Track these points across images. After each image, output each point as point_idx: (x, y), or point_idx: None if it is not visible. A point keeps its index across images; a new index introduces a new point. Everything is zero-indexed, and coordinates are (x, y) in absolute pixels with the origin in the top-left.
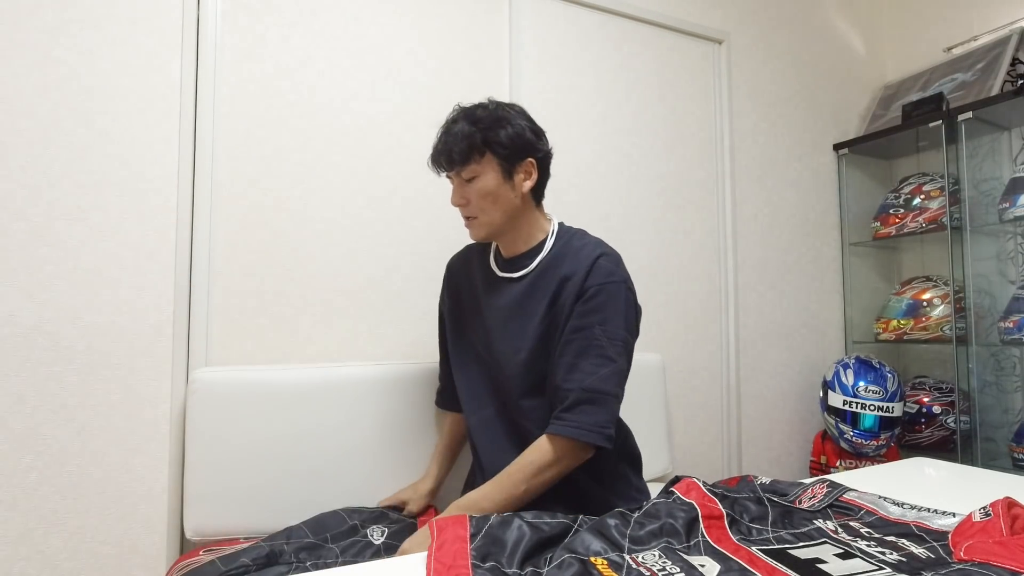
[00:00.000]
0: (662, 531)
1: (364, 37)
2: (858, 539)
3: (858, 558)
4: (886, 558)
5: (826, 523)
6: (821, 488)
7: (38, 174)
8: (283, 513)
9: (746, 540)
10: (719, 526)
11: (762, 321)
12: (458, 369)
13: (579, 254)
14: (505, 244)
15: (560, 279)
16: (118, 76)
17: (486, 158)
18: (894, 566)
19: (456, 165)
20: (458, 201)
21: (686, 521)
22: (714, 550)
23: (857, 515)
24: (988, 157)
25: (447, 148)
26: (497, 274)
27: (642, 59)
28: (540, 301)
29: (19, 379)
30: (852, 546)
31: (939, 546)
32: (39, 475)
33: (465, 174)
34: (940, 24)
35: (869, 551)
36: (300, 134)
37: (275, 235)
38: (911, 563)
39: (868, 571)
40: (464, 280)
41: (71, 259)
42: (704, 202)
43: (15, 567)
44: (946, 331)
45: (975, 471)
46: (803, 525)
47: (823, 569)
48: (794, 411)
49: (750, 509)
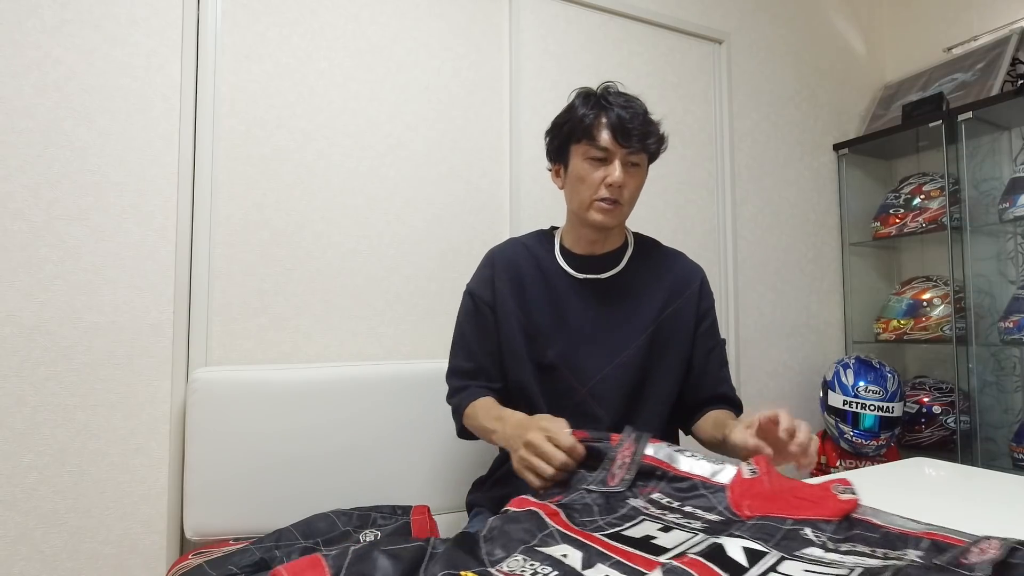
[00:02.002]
0: (512, 540)
1: (364, 37)
2: (666, 512)
3: (676, 529)
4: (694, 525)
5: (636, 501)
6: (628, 450)
7: (38, 174)
8: (282, 512)
9: (588, 531)
10: (561, 519)
11: (762, 321)
12: (525, 371)
13: (676, 264)
14: (599, 240)
15: (669, 288)
16: (118, 76)
17: (647, 155)
18: (703, 531)
19: (646, 149)
20: (621, 181)
21: (532, 522)
22: (569, 538)
23: (657, 477)
24: (988, 157)
25: (648, 130)
26: (575, 275)
27: (642, 59)
28: (642, 306)
29: (19, 379)
30: (666, 520)
31: (723, 508)
32: (39, 475)
33: (636, 158)
34: (940, 24)
35: (679, 522)
36: (300, 134)
37: (275, 235)
38: (712, 527)
39: (688, 539)
40: (528, 277)
41: (71, 259)
42: (704, 202)
43: (15, 567)
44: (946, 331)
45: (975, 471)
46: (621, 507)
47: (657, 544)
48: (794, 411)
49: (581, 510)
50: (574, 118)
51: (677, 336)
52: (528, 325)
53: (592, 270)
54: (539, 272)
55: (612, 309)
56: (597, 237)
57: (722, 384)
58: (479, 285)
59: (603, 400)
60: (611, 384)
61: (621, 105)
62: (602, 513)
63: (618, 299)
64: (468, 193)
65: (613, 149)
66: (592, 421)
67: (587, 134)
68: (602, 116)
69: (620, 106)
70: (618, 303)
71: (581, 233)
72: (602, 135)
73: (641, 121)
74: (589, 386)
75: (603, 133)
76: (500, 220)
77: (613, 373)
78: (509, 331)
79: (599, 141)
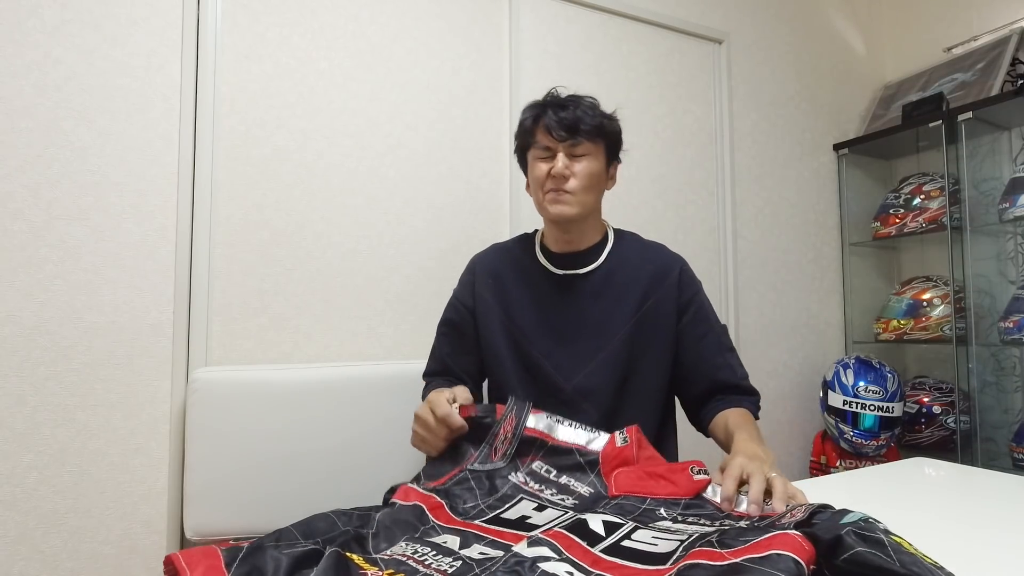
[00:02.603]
0: (396, 534)
1: (364, 37)
2: (544, 486)
3: (549, 508)
4: (566, 503)
5: (517, 475)
6: (510, 423)
7: (38, 174)
8: (283, 512)
9: (467, 519)
10: (443, 513)
11: (762, 321)
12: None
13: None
14: (573, 235)
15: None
16: (118, 76)
17: (597, 144)
18: (573, 508)
19: (580, 136)
20: (563, 171)
21: (415, 516)
22: (448, 529)
23: (537, 447)
24: (988, 157)
25: (577, 117)
26: (555, 272)
27: (642, 59)
28: (623, 301)
29: (19, 379)
30: (542, 497)
31: (596, 478)
32: (39, 475)
33: (579, 149)
34: (940, 24)
35: (554, 500)
36: (300, 134)
37: (275, 235)
38: (582, 503)
39: (559, 517)
40: (510, 279)
41: (71, 259)
42: (704, 202)
43: (15, 567)
44: (946, 331)
45: (975, 471)
46: (503, 486)
47: (531, 523)
48: (794, 411)
49: (463, 496)
50: (521, 127)
51: (659, 329)
52: (511, 325)
53: (572, 266)
54: (520, 272)
55: (593, 305)
56: (567, 232)
57: (720, 371)
58: (460, 290)
59: (590, 396)
60: (596, 380)
61: (559, 104)
62: (483, 496)
63: (599, 294)
64: (468, 193)
65: (552, 145)
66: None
67: (531, 136)
68: (541, 117)
69: (557, 105)
70: (599, 298)
71: (553, 231)
72: (540, 133)
73: (572, 112)
74: (574, 382)
75: (541, 132)
76: (500, 220)
77: (597, 369)
78: (491, 333)
79: (540, 140)
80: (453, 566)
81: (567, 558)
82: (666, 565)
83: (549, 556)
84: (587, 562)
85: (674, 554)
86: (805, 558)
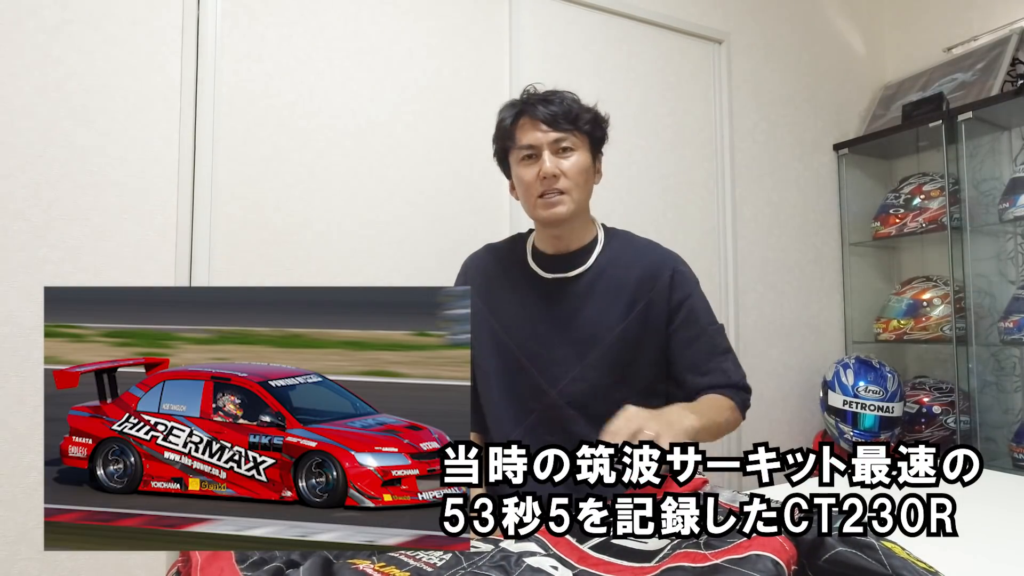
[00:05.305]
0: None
1: (364, 37)
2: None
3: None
4: None
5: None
6: None
7: (38, 174)
8: None
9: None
10: None
11: (762, 321)
12: (495, 377)
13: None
14: (564, 236)
15: (638, 284)
16: (118, 76)
17: (583, 137)
18: None
19: (571, 125)
20: (553, 171)
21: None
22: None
23: None
24: (988, 157)
25: (568, 106)
26: (544, 275)
27: (642, 59)
28: (612, 304)
29: (19, 379)
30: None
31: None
32: (39, 475)
33: (567, 142)
34: (940, 24)
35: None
36: (300, 134)
37: (275, 235)
38: None
39: None
40: (499, 281)
41: (71, 259)
42: (704, 202)
43: (15, 567)
44: (946, 331)
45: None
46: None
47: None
48: (794, 411)
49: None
50: (500, 128)
51: (649, 333)
52: (498, 328)
53: (561, 269)
54: (509, 275)
55: (582, 308)
56: (558, 233)
57: (710, 375)
58: None
59: (575, 401)
60: (582, 385)
61: (537, 100)
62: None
63: (588, 297)
64: (468, 193)
65: (536, 142)
66: (563, 422)
67: (511, 136)
68: (520, 115)
69: (536, 101)
70: (588, 302)
71: (544, 233)
72: (522, 131)
73: (556, 106)
74: (559, 387)
75: (522, 129)
76: (500, 220)
77: (583, 374)
78: (476, 336)
79: (522, 139)
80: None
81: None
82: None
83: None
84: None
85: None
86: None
